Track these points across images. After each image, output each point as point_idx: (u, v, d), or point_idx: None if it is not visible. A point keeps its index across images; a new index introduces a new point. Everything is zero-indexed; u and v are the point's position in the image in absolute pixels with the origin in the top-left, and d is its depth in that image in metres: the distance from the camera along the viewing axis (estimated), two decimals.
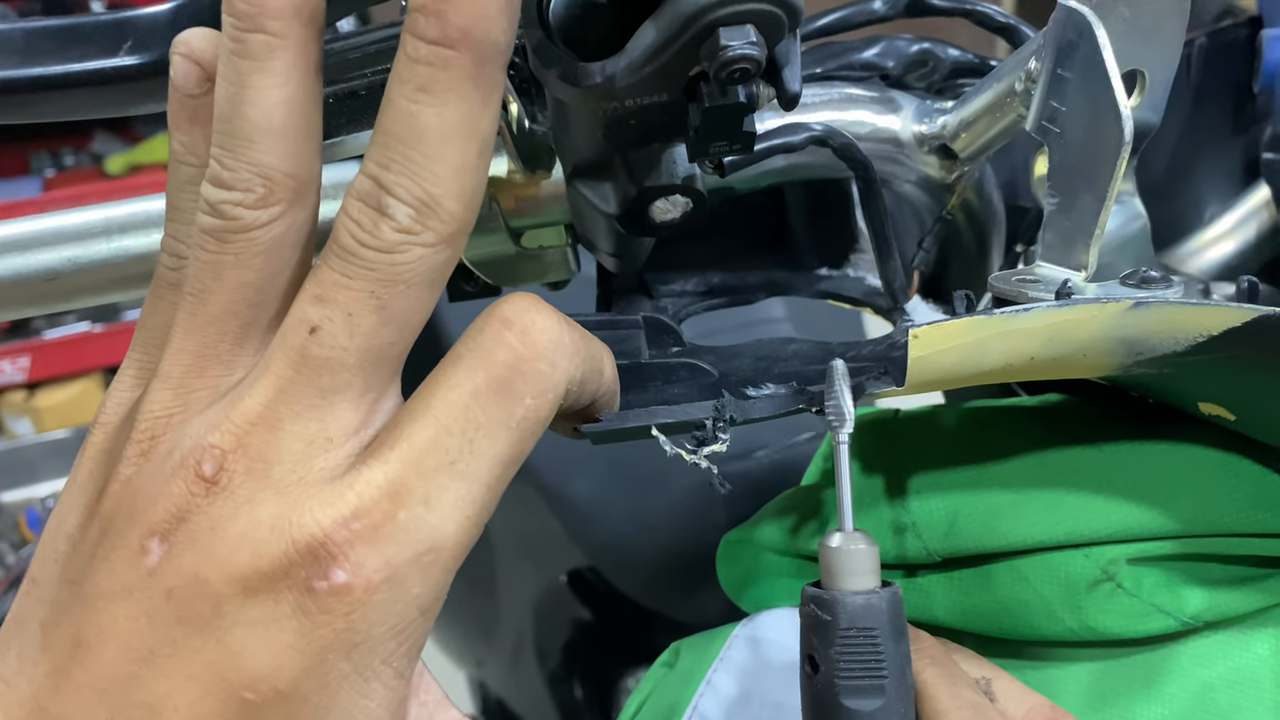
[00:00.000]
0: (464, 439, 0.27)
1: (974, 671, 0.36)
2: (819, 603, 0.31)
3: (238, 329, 0.28)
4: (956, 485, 0.40)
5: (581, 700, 1.22)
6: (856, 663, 0.30)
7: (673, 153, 0.36)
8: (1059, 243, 0.35)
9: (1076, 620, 0.38)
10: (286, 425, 0.27)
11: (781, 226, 0.46)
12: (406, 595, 0.26)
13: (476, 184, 0.27)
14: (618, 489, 0.97)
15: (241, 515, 0.26)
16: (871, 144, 0.40)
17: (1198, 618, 0.38)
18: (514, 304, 0.28)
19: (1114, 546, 0.38)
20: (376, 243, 0.26)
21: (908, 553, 0.40)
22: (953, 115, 0.40)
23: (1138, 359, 0.32)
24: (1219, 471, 0.38)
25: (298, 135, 0.27)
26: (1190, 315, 0.30)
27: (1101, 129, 0.33)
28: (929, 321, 0.31)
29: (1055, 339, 0.31)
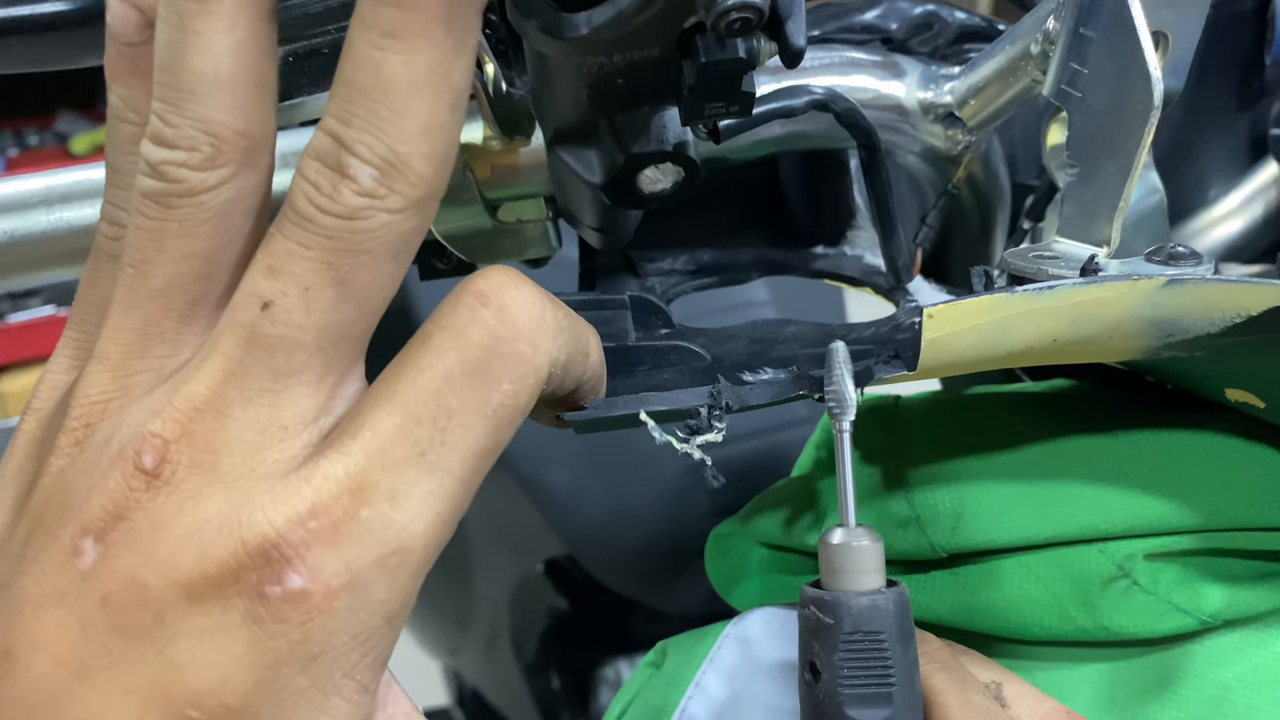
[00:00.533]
0: (434, 428, 0.24)
1: (983, 675, 0.34)
2: (820, 605, 0.29)
3: (183, 305, 0.25)
4: (963, 476, 0.37)
5: (558, 691, 1.20)
6: (861, 669, 0.28)
7: (663, 116, 0.33)
8: (1079, 216, 0.33)
9: (1090, 619, 0.36)
10: (236, 412, 0.24)
11: (775, 201, 0.43)
12: (370, 602, 0.24)
13: (448, 143, 0.24)
14: (597, 476, 0.95)
15: (186, 512, 0.24)
16: (874, 112, 0.37)
17: (1217, 616, 0.36)
18: (490, 278, 0.25)
19: (1131, 541, 0.36)
20: (336, 207, 0.23)
21: (910, 548, 0.38)
22: (960, 81, 0.37)
23: (1168, 341, 0.29)
24: (1243, 462, 0.36)
25: (248, 87, 0.24)
26: (1228, 294, 0.28)
27: (1128, 92, 0.31)
28: (945, 300, 0.28)
29: (1081, 319, 0.28)
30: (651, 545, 0.97)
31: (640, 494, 0.95)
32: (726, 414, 0.31)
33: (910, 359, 0.28)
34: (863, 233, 0.44)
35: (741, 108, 0.30)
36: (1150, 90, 0.30)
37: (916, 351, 0.28)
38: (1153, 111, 0.30)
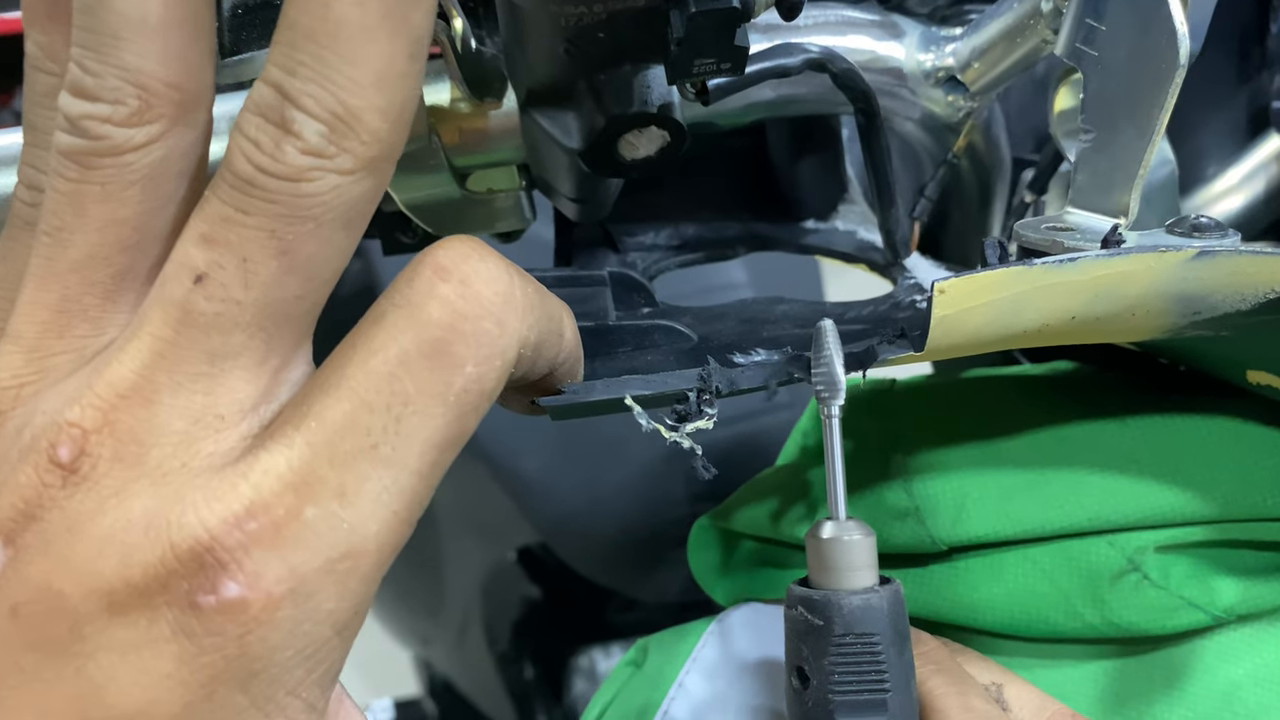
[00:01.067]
0: (389, 416, 0.22)
1: (983, 676, 0.32)
2: (809, 605, 0.27)
3: (108, 278, 0.22)
4: (965, 464, 0.35)
5: (532, 680, 1.18)
6: (854, 674, 0.27)
7: (646, 76, 0.30)
8: (1093, 185, 0.30)
9: (1098, 616, 0.34)
10: (165, 398, 0.22)
11: (763, 172, 0.41)
12: (317, 611, 0.21)
13: (405, 96, 0.21)
14: (571, 463, 0.93)
15: (107, 512, 0.21)
16: (871, 75, 0.35)
17: (1230, 611, 0.34)
18: (451, 249, 0.22)
19: (1142, 533, 0.34)
20: (279, 168, 0.21)
21: (908, 541, 0.35)
22: (963, 43, 0.35)
23: (1193, 319, 0.27)
24: (1262, 448, 0.34)
25: (181, 32, 0.21)
26: (1264, 267, 0.25)
27: (1150, 50, 0.28)
28: (956, 274, 0.26)
29: (1102, 294, 0.26)
30: (627, 533, 0.95)
31: (616, 480, 0.93)
32: (717, 398, 0.28)
33: (918, 338, 0.26)
34: (854, 206, 0.41)
35: (734, 65, 0.28)
36: (1176, 48, 0.28)
37: (925, 330, 0.26)
38: (1178, 70, 0.28)
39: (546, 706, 1.21)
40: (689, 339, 0.32)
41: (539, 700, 1.21)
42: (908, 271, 0.36)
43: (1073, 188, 0.31)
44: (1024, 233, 0.30)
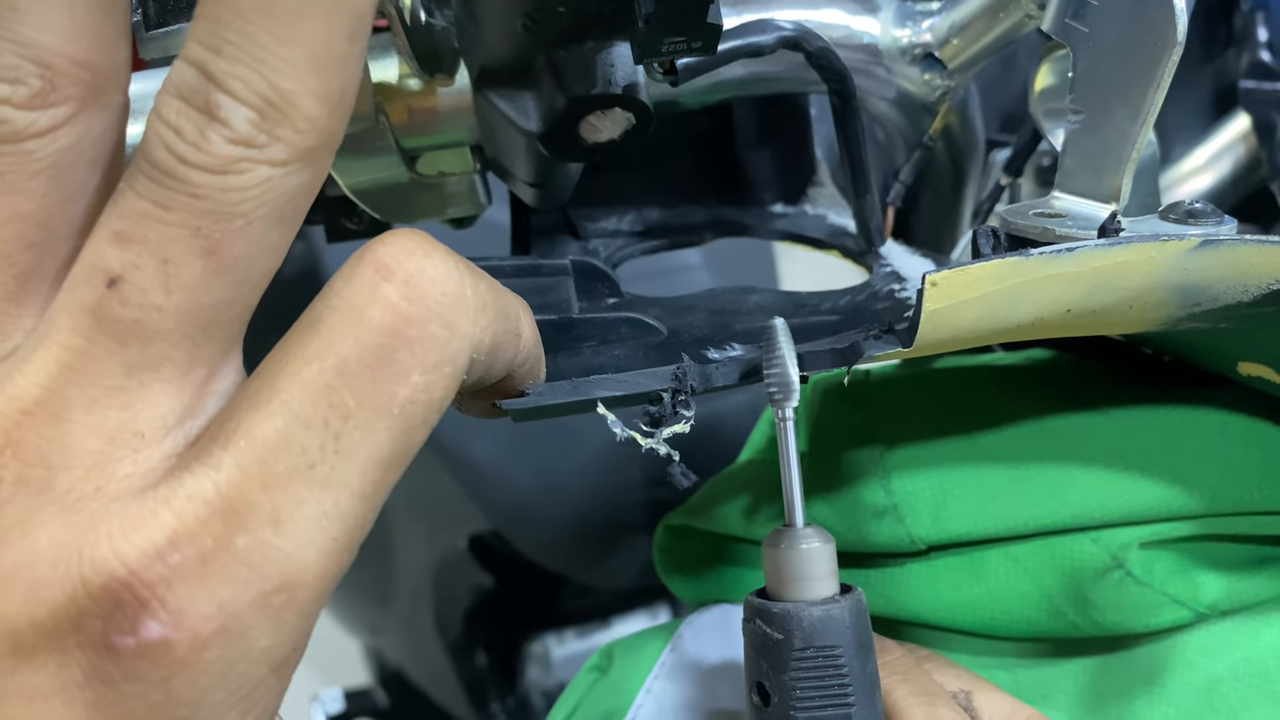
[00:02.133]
0: (326, 433, 0.20)
1: (951, 684, 0.31)
2: (767, 618, 0.26)
3: (10, 280, 0.20)
4: (944, 460, 0.34)
5: (484, 669, 1.17)
6: (817, 689, 0.25)
7: (610, 54, 0.28)
8: (1082, 168, 0.29)
9: (1081, 615, 0.33)
10: (77, 415, 0.19)
11: (729, 154, 0.39)
12: (250, 650, 0.19)
13: (346, 79, 0.19)
14: (523, 448, 0.91)
15: (10, 544, 0.19)
16: (844, 51, 0.33)
17: (1214, 607, 0.33)
18: (393, 245, 0.20)
19: (1126, 529, 0.33)
20: (203, 159, 0.19)
21: (886, 540, 0.34)
22: (941, 18, 0.33)
23: (1192, 311, 0.26)
24: (1248, 441, 0.33)
25: (92, 6, 0.19)
26: (1268, 257, 0.24)
27: (1145, 26, 0.27)
28: (946, 265, 0.24)
29: (1101, 286, 0.25)
30: (582, 519, 0.94)
31: (570, 466, 0.91)
32: (693, 396, 0.26)
33: (907, 334, 0.24)
34: (824, 189, 0.40)
35: (705, 43, 0.26)
36: (1173, 23, 0.26)
37: (916, 325, 0.24)
38: (1175, 48, 0.26)
39: (500, 694, 1.19)
40: (658, 332, 0.31)
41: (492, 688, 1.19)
42: (883, 259, 0.35)
43: (1060, 171, 0.30)
44: (1012, 219, 0.28)
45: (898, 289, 0.32)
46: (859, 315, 0.31)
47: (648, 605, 1.20)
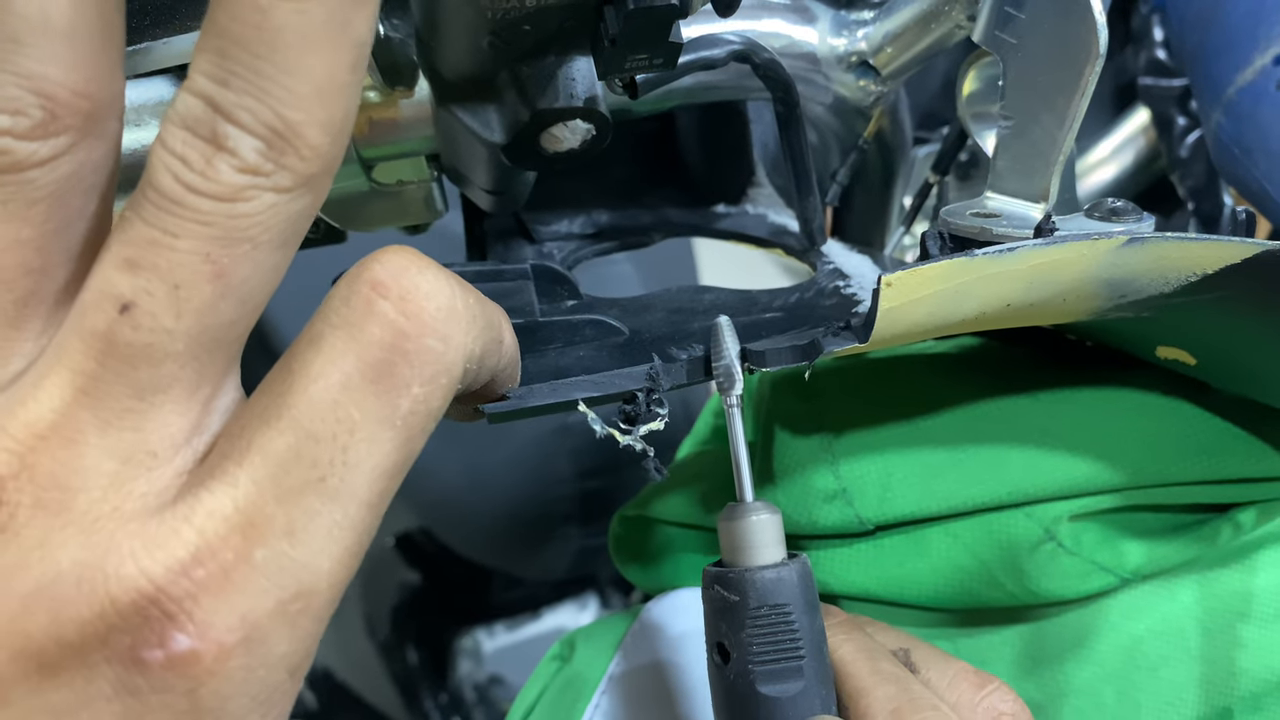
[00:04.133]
0: (335, 446, 0.20)
1: (891, 643, 0.33)
2: (724, 582, 0.28)
3: (10, 305, 0.21)
4: (888, 445, 0.36)
5: (416, 666, 1.17)
6: (771, 644, 0.27)
7: (570, 68, 0.29)
8: (1013, 170, 0.31)
9: (1019, 585, 0.35)
10: (91, 438, 0.20)
11: (673, 157, 0.40)
12: (270, 656, 0.20)
13: (347, 108, 0.20)
14: (451, 441, 0.91)
15: (30, 565, 0.19)
16: (786, 60, 0.35)
17: (1137, 572, 0.36)
18: (388, 263, 0.21)
19: (1057, 504, 0.35)
20: (212, 187, 0.19)
21: (836, 522, 0.36)
22: (875, 27, 0.35)
23: (1119, 302, 0.28)
24: (1165, 418, 0.35)
25: (90, 35, 0.20)
26: (1186, 252, 0.26)
27: (1070, 39, 0.29)
28: (902, 266, 0.26)
29: (1038, 281, 0.27)
30: (512, 512, 0.94)
31: (498, 459, 0.91)
32: (664, 395, 0.28)
33: (864, 330, 0.26)
34: (763, 189, 0.41)
35: (666, 60, 0.27)
36: (1095, 36, 0.28)
37: (872, 322, 0.26)
38: (1098, 60, 0.28)
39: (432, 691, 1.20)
40: (620, 332, 0.32)
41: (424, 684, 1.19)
42: (825, 256, 0.36)
43: (992, 173, 0.32)
44: (951, 220, 0.30)
45: (842, 285, 0.34)
46: (809, 311, 0.33)
47: (576, 595, 1.21)
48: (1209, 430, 0.35)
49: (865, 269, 0.36)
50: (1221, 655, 0.36)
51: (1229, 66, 0.41)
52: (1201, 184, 0.48)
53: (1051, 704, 0.36)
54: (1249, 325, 0.29)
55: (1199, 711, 0.36)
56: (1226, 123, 0.41)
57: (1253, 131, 0.39)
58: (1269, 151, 0.38)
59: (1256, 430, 0.35)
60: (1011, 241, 0.27)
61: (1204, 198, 0.48)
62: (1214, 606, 0.36)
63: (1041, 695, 0.37)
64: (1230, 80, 0.41)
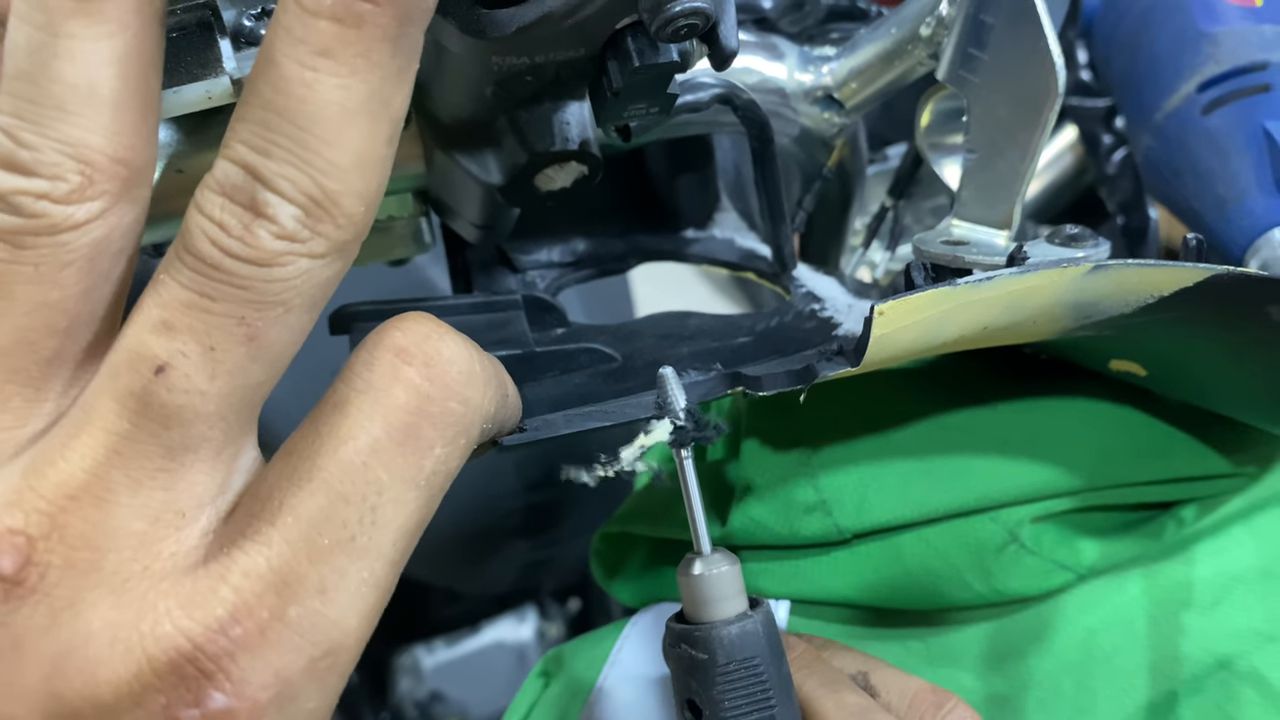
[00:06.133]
0: (364, 507, 0.21)
1: (849, 666, 0.34)
2: (691, 641, 0.28)
3: (34, 365, 0.21)
4: (863, 457, 0.38)
5: (355, 685, 1.16)
6: (742, 698, 0.28)
7: (564, 112, 0.31)
8: (977, 200, 0.33)
9: (986, 585, 0.38)
10: (122, 498, 0.21)
11: (641, 186, 0.42)
12: (299, 713, 0.21)
13: (381, 179, 0.21)
14: None
15: (62, 626, 0.20)
16: (759, 95, 0.37)
17: (1092, 568, 0.38)
18: (409, 330, 0.22)
19: (1020, 508, 0.38)
20: (251, 253, 0.20)
21: (816, 532, 0.38)
22: (840, 63, 0.37)
23: (1083, 322, 0.31)
24: (1116, 424, 0.38)
25: (131, 105, 0.20)
26: (1145, 276, 0.29)
27: (1030, 79, 0.31)
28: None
29: (1012, 307, 0.29)
30: (457, 527, 0.95)
31: None
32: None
33: (855, 355, 0.28)
34: (728, 214, 0.43)
35: (662, 109, 0.29)
36: (1054, 76, 0.31)
37: (864, 347, 0.28)
38: (1056, 98, 0.31)
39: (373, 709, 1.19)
40: (613, 359, 0.33)
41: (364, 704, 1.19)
42: (797, 280, 0.38)
43: (958, 201, 0.34)
44: (925, 248, 0.32)
45: (817, 308, 0.36)
46: (790, 334, 0.35)
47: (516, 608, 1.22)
48: (1155, 435, 0.38)
49: (834, 291, 0.38)
50: (1167, 642, 0.39)
51: (1156, 93, 0.44)
52: (1129, 198, 0.51)
53: (1017, 695, 0.39)
54: (1197, 340, 0.32)
55: (1148, 696, 0.38)
56: (1156, 146, 0.44)
57: (1181, 155, 0.42)
58: (1197, 173, 0.41)
59: (1197, 433, 0.38)
60: (983, 269, 0.29)
61: (1131, 211, 0.51)
62: (1159, 597, 0.39)
63: (1007, 687, 0.39)
64: (1158, 106, 0.43)
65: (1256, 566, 0.40)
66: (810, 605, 0.39)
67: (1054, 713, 0.38)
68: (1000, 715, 0.38)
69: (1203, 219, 0.41)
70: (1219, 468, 0.38)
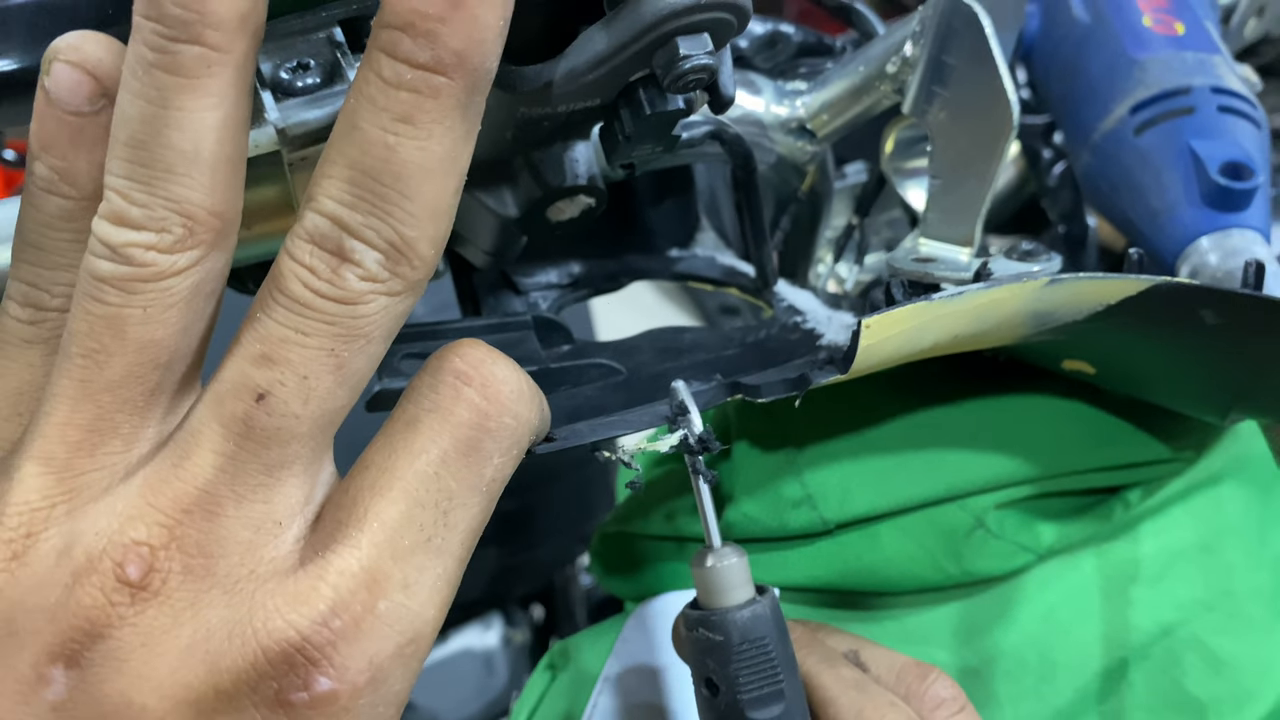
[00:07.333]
0: (437, 511, 0.24)
1: (841, 645, 0.37)
2: (708, 625, 0.31)
3: (140, 396, 0.24)
4: (844, 454, 0.41)
5: None
6: (754, 675, 0.31)
7: (574, 151, 0.34)
8: (942, 221, 0.37)
9: (957, 567, 0.41)
10: (229, 510, 0.23)
11: (630, 211, 0.45)
12: (389, 693, 0.24)
13: (449, 224, 0.24)
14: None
15: (184, 624, 0.23)
16: (741, 126, 0.40)
17: (1051, 549, 0.42)
18: (467, 355, 0.25)
19: (985, 496, 0.41)
20: (339, 293, 0.23)
21: (803, 524, 0.41)
22: (812, 96, 0.41)
23: (1040, 329, 0.34)
24: (1068, 417, 0.42)
25: (228, 166, 0.23)
26: (1096, 287, 0.33)
27: (987, 114, 0.35)
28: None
29: (980, 317, 0.33)
30: None
31: None
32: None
33: (844, 364, 0.32)
34: (707, 234, 0.47)
35: (667, 148, 0.32)
36: (1009, 112, 0.34)
37: (853, 357, 0.31)
38: (1012, 131, 0.35)
39: None
40: (620, 373, 0.36)
41: None
42: (779, 295, 0.42)
43: (924, 221, 0.38)
44: (898, 265, 0.36)
45: (800, 321, 0.40)
46: (778, 345, 0.38)
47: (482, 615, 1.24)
48: (1103, 426, 0.42)
49: (813, 304, 0.41)
50: (1117, 614, 0.43)
51: (1093, 114, 0.48)
52: (1068, 209, 0.55)
53: (986, 668, 0.42)
54: (1140, 341, 0.36)
55: (1103, 664, 0.42)
56: (1094, 162, 0.48)
57: (1117, 171, 0.46)
58: (1131, 188, 0.45)
59: (1140, 423, 0.42)
60: (953, 284, 0.33)
61: (1071, 220, 0.56)
62: (1110, 573, 0.43)
63: (977, 660, 0.42)
64: (1095, 126, 0.48)
65: (1196, 542, 0.44)
66: (798, 592, 0.43)
67: (1019, 681, 0.42)
68: (972, 685, 0.42)
69: (1138, 229, 0.45)
70: (1160, 454, 0.42)
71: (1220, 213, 0.43)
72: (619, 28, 0.27)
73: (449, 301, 0.42)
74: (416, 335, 0.34)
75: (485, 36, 0.22)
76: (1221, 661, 0.42)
